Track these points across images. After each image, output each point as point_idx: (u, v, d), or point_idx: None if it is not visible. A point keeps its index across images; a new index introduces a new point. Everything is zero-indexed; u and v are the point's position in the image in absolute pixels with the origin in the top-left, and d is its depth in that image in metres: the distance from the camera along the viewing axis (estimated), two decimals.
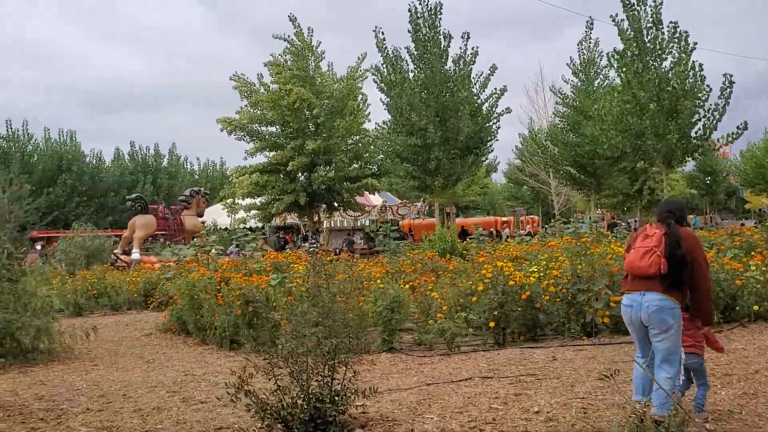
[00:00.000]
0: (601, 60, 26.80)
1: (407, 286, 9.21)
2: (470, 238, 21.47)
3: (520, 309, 8.42)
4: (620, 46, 18.28)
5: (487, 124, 22.55)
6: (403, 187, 35.88)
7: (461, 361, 7.49)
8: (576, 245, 9.23)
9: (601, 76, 26.73)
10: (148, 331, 11.87)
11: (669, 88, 17.33)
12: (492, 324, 8.34)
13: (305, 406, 4.76)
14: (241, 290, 9.41)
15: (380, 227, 21.93)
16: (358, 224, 37.75)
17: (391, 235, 17.58)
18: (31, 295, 9.09)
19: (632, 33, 17.76)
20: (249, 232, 13.74)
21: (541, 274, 9.18)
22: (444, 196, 30.32)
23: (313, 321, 4.86)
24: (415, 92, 21.27)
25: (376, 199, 36.44)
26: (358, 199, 29.01)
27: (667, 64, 17.96)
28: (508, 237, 36.53)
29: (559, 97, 27.62)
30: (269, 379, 4.88)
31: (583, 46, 27.12)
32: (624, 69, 18.02)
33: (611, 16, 18.31)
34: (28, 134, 44.66)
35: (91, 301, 16.11)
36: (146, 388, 6.96)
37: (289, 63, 26.14)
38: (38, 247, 29.08)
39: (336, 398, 4.85)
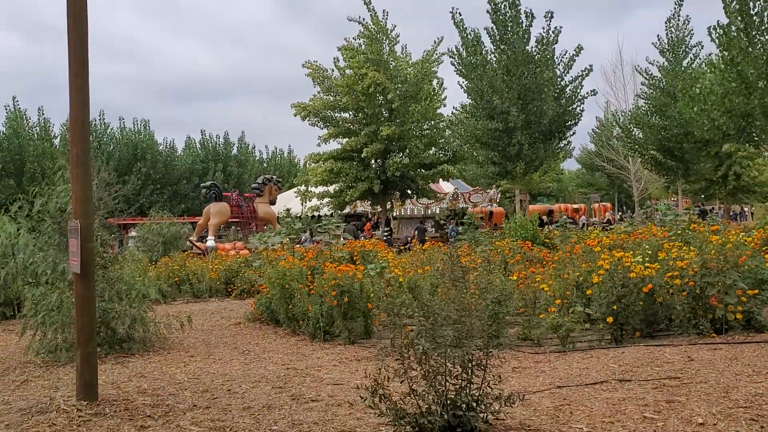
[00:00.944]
0: (691, 38, 25.37)
1: (513, 276, 8.62)
2: (556, 226, 20.70)
3: (641, 303, 7.75)
4: (723, 20, 17.04)
5: (571, 107, 21.61)
6: (484, 173, 35.03)
7: (583, 360, 6.90)
8: (700, 233, 8.46)
9: (691, 55, 25.28)
10: (236, 320, 11.66)
11: None
12: (610, 319, 7.70)
13: (442, 413, 4.29)
14: (335, 280, 9.03)
15: (462, 214, 21.26)
16: (428, 212, 37.19)
17: (477, 223, 16.94)
18: (125, 283, 8.92)
19: (737, 5, 16.51)
20: (333, 219, 13.42)
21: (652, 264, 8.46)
22: (524, 183, 29.53)
23: (452, 318, 4.36)
24: (497, 74, 20.49)
25: (447, 187, 35.78)
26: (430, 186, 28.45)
27: None
28: (584, 225, 35.39)
29: (645, 78, 26.27)
30: (401, 382, 4.44)
31: (671, 24, 25.69)
32: (728, 44, 16.78)
33: None
34: (104, 124, 45.74)
35: (174, 288, 16.09)
36: (250, 383, 6.63)
37: (363, 47, 25.67)
38: (133, 233, 29.41)
39: (475, 404, 4.37)
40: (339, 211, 29.96)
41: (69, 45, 5.70)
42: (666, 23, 25.74)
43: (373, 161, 26.11)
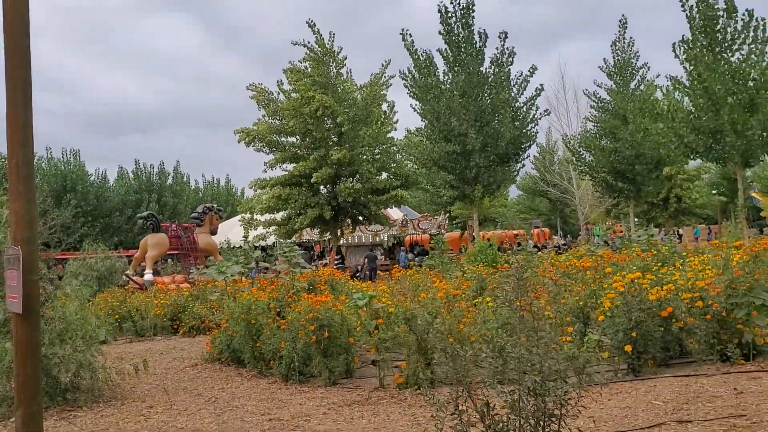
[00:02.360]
0: (637, 60, 25.49)
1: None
2: (517, 250, 20.18)
3: (661, 329, 7.01)
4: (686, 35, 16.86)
5: (526, 129, 21.18)
6: (432, 200, 34.44)
7: (614, 396, 6.07)
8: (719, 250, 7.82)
9: (639, 77, 25.38)
10: (192, 361, 10.41)
11: (748, 82, 15.89)
12: (629, 347, 6.92)
13: None
14: (313, 312, 7.99)
15: (433, 241, 20.26)
16: (376, 240, 36.28)
17: (444, 247, 16.11)
18: (68, 322, 7.65)
19: (701, 21, 16.39)
20: (297, 247, 12.36)
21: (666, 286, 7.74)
22: (482, 207, 28.99)
23: (531, 359, 3.45)
24: (455, 95, 19.86)
25: (395, 213, 34.99)
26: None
27: (737, 55, 16.56)
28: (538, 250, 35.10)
29: (594, 101, 26.25)
30: None
31: (617, 47, 25.80)
32: (695, 60, 16.62)
33: (681, 1, 16.99)
34: None
35: (114, 326, 14.62)
36: None
37: (309, 70, 24.76)
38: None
39: None
40: (285, 240, 28.75)
41: (4, 20, 4.58)
42: (612, 46, 25.86)
43: (322, 187, 25.10)
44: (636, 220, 61.13)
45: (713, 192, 46.03)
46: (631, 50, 25.72)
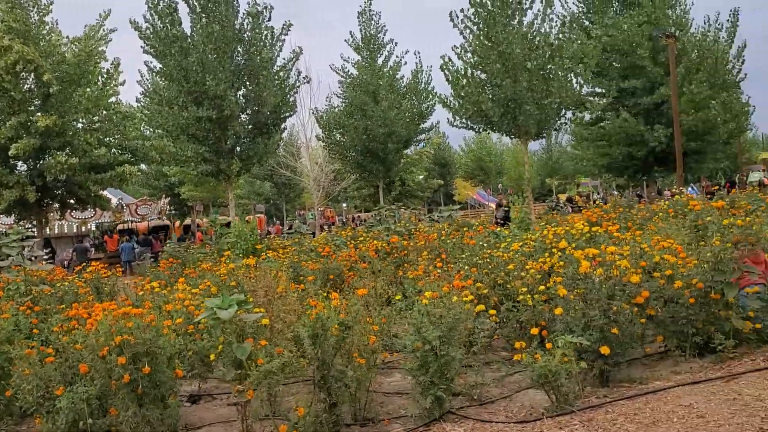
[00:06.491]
0: (385, 34, 24.40)
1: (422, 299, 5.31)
2: (288, 232, 17.85)
3: (642, 321, 5.30)
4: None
5: (286, 96, 18.59)
6: (146, 183, 30.33)
7: (614, 421, 4.14)
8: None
9: (386, 53, 24.28)
10: None
11: (540, 49, 15.17)
12: (606, 350, 5.06)
13: None
14: (122, 335, 4.78)
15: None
16: (83, 230, 30.81)
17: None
18: None
19: None
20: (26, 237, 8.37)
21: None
22: (209, 189, 26.13)
23: None
24: (207, 50, 16.45)
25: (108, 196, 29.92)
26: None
27: (526, 20, 16.02)
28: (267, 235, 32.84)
29: (342, 76, 24.51)
30: None
31: (363, 18, 24.38)
32: (490, 22, 15.45)
33: None
34: None
35: None
36: None
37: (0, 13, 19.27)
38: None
39: None
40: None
41: None
42: (358, 17, 24.41)
43: (21, 162, 19.83)
44: (343, 205, 61.91)
45: (427, 177, 47.95)
46: (377, 23, 24.57)
